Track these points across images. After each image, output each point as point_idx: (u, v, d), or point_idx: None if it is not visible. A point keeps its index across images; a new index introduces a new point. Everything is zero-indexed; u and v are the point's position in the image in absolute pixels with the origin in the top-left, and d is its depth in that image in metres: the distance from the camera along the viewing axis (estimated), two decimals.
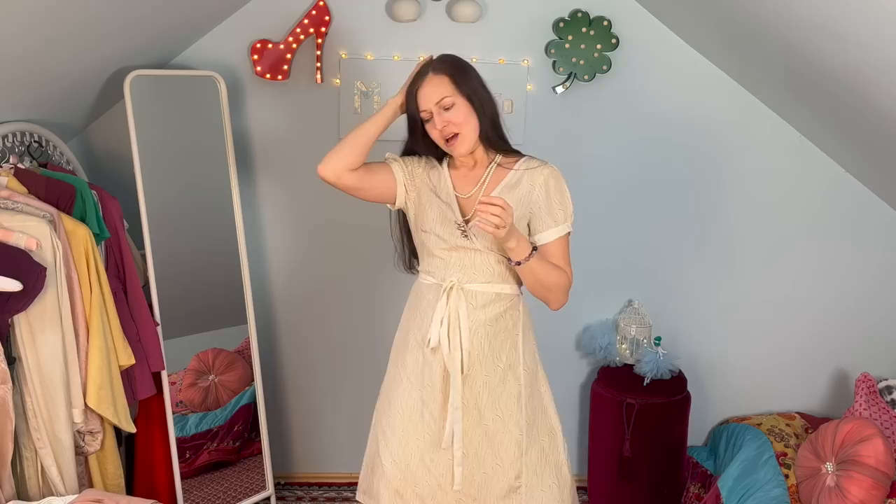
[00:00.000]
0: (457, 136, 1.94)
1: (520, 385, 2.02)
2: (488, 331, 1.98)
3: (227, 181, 2.81)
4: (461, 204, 2.02)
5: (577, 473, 3.35)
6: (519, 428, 2.01)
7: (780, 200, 3.09)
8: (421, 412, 2.01)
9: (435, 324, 1.96)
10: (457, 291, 1.96)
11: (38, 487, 2.15)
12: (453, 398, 1.95)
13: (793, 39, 2.31)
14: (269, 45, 2.85)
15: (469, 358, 1.96)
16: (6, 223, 2.04)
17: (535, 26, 2.92)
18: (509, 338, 2.02)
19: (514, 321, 2.03)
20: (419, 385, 2.01)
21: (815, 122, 2.88)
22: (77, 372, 2.19)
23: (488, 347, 1.98)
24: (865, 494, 2.27)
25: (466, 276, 1.98)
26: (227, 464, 2.94)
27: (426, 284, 2.04)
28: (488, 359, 1.98)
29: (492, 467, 2.00)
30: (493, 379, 1.99)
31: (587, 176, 3.06)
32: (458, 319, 1.95)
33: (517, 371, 2.02)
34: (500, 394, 2.00)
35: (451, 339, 1.95)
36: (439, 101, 1.93)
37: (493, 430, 2.00)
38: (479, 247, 1.96)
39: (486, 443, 2.00)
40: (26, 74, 2.23)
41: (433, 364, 1.99)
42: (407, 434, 2.02)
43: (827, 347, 3.21)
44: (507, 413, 2.00)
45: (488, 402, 1.99)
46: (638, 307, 3.12)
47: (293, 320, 3.18)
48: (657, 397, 2.91)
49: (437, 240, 1.99)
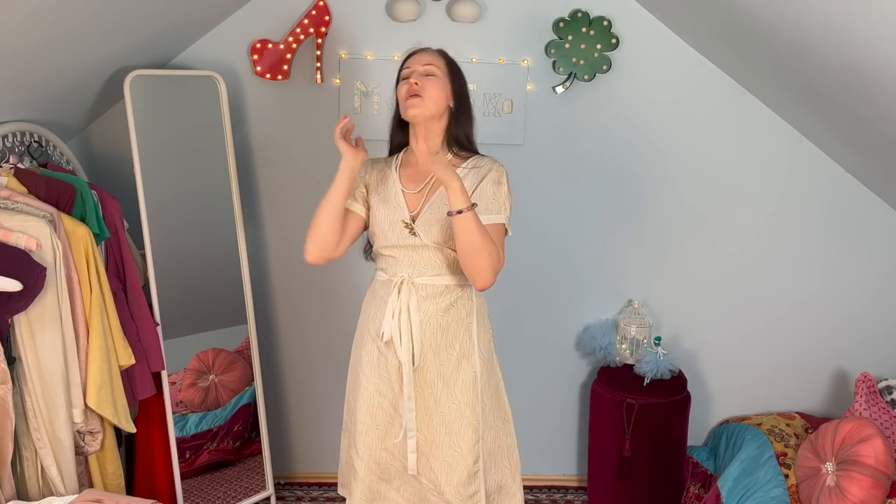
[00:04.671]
0: (418, 97, 1.99)
1: (475, 372, 2.06)
2: (440, 321, 2.03)
3: (227, 181, 2.81)
4: (408, 200, 2.06)
5: (577, 473, 3.36)
6: (475, 414, 2.05)
7: (779, 200, 3.09)
8: (379, 403, 2.08)
9: (387, 318, 2.03)
10: (407, 286, 2.02)
11: (38, 487, 2.15)
12: (406, 389, 2.02)
13: (793, 39, 2.31)
14: (269, 45, 2.85)
15: (421, 349, 2.02)
16: (6, 223, 2.04)
17: (535, 26, 2.92)
18: (462, 326, 2.06)
19: (466, 310, 2.07)
20: (375, 377, 2.08)
21: (815, 122, 2.88)
22: (77, 372, 2.19)
23: (441, 337, 2.03)
24: (865, 494, 2.27)
25: (416, 270, 2.04)
26: (227, 464, 2.94)
27: (380, 281, 2.11)
28: (441, 348, 2.03)
29: (451, 454, 2.04)
30: (446, 367, 2.04)
31: (587, 175, 3.07)
32: (408, 313, 2.01)
33: (472, 358, 2.06)
34: (455, 381, 2.04)
35: (403, 331, 2.01)
36: (426, 65, 2.02)
37: (450, 417, 2.04)
38: (427, 242, 2.01)
39: (443, 430, 2.04)
40: (26, 74, 2.23)
41: (388, 356, 2.05)
42: (366, 426, 2.08)
43: (827, 347, 3.21)
44: (464, 400, 2.04)
45: (443, 391, 2.04)
46: (638, 307, 3.12)
47: (293, 320, 3.18)
48: (657, 397, 2.91)
49: (386, 239, 2.05)
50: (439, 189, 2.02)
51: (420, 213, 2.04)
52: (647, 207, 3.10)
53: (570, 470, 3.35)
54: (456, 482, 2.03)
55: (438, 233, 2.01)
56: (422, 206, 2.04)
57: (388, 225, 2.05)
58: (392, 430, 2.08)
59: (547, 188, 3.06)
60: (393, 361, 2.05)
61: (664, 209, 3.10)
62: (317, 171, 3.03)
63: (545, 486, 3.31)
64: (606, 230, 3.12)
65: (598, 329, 3.12)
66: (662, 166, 3.06)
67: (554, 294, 3.15)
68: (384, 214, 2.06)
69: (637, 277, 3.16)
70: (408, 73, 2.04)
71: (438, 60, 2.06)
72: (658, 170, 3.06)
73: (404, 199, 2.06)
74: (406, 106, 2.01)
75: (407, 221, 2.03)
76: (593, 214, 3.10)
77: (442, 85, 2.03)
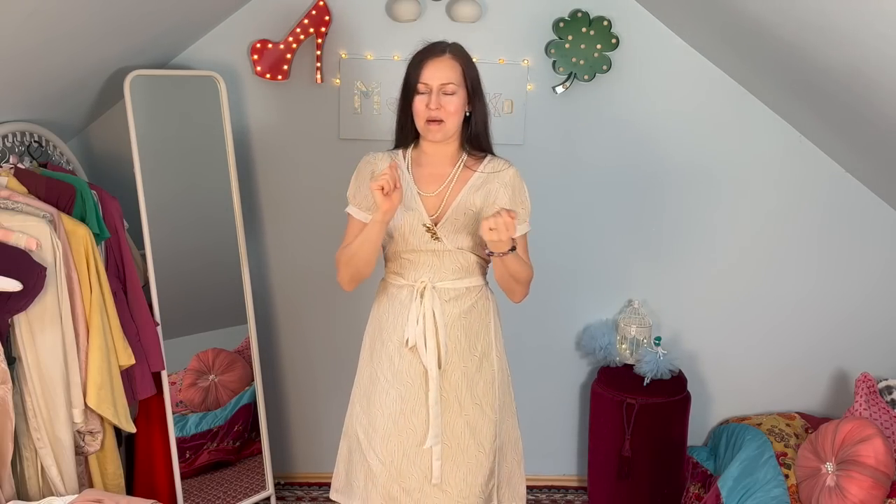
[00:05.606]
0: (441, 122, 1.95)
1: (493, 370, 2.07)
2: (463, 323, 2.02)
3: (227, 181, 2.81)
4: (425, 203, 2.02)
5: (577, 473, 3.36)
6: (493, 410, 2.06)
7: (779, 200, 3.09)
8: (401, 409, 2.02)
9: (411, 324, 1.99)
10: (430, 291, 1.99)
11: (38, 487, 2.15)
12: (432, 395, 1.99)
13: (793, 39, 2.31)
14: (269, 45, 2.85)
15: (447, 352, 2.01)
16: (6, 223, 2.04)
17: (535, 26, 2.92)
18: (483, 326, 2.06)
19: (485, 309, 2.07)
20: (397, 383, 2.03)
21: (815, 122, 2.88)
22: (77, 372, 2.19)
23: (465, 339, 2.02)
24: (865, 494, 2.27)
25: (437, 275, 2.01)
26: (227, 464, 2.94)
27: (396, 286, 2.06)
28: (465, 350, 2.03)
29: (475, 455, 2.04)
30: (470, 369, 2.03)
31: (587, 175, 3.07)
32: (433, 318, 1.99)
33: (491, 356, 2.07)
34: (478, 381, 2.04)
35: (428, 337, 1.98)
36: (445, 84, 1.95)
37: (474, 418, 2.03)
38: (449, 247, 1.99)
39: (468, 432, 2.03)
40: (26, 74, 2.23)
41: (411, 362, 2.02)
42: (388, 432, 2.03)
43: (827, 347, 3.21)
44: (485, 399, 2.05)
45: (467, 392, 2.03)
46: (638, 307, 3.12)
47: (293, 320, 3.18)
48: (657, 397, 2.91)
49: (406, 243, 2.01)
50: (460, 192, 2.00)
51: (442, 217, 2.00)
52: (647, 207, 3.10)
53: (570, 470, 3.35)
54: (480, 482, 2.03)
55: (465, 239, 1.98)
56: (442, 209, 2.00)
57: (408, 229, 1.99)
58: (414, 437, 2.02)
59: (547, 188, 3.05)
60: (416, 367, 2.01)
61: (664, 209, 3.10)
62: (317, 171, 3.04)
63: (545, 486, 3.31)
64: (606, 230, 3.12)
65: (598, 329, 3.12)
66: (662, 166, 3.06)
67: (554, 294, 3.15)
68: (403, 218, 1.99)
69: (637, 277, 3.16)
70: (425, 89, 1.95)
71: (455, 72, 1.96)
72: (658, 169, 3.06)
73: (421, 201, 2.01)
74: (427, 130, 1.97)
75: (428, 225, 1.99)
76: (593, 214, 3.10)
77: (461, 101, 1.96)
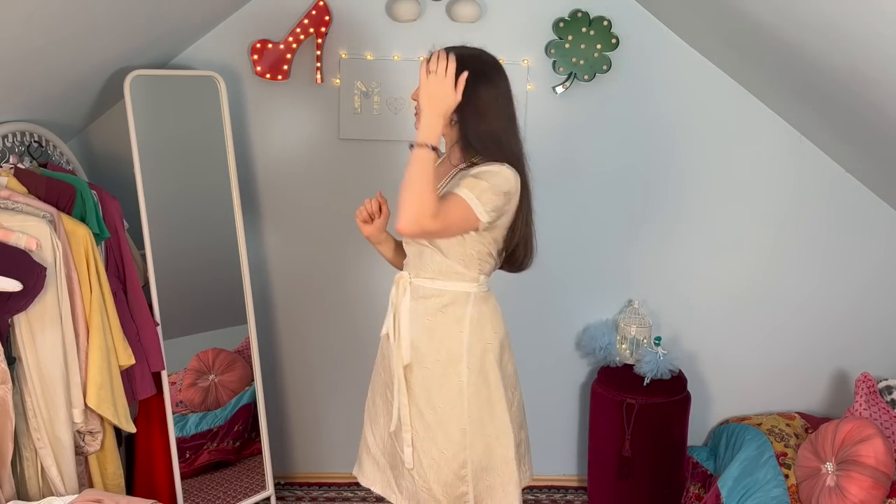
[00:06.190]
0: None
1: (461, 381, 2.02)
2: (426, 323, 2.03)
3: (227, 181, 2.81)
4: None
5: (577, 473, 3.36)
6: (460, 424, 2.03)
7: (780, 200, 3.09)
8: (384, 394, 2.16)
9: (388, 314, 2.10)
10: (405, 283, 2.06)
11: (38, 487, 2.15)
12: (398, 384, 2.06)
13: (793, 40, 2.31)
14: (269, 45, 2.85)
15: (411, 347, 2.04)
16: (6, 223, 2.04)
17: (535, 26, 2.92)
18: (450, 333, 2.03)
19: (457, 318, 2.03)
20: (381, 370, 2.18)
21: (815, 122, 2.88)
22: (77, 372, 2.19)
23: (427, 340, 2.04)
24: (865, 494, 2.27)
25: (416, 271, 2.07)
26: (227, 464, 2.94)
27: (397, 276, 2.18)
28: (429, 351, 2.04)
29: (438, 454, 2.05)
30: (431, 372, 2.04)
31: (587, 175, 3.07)
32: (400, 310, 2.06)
33: (459, 368, 2.03)
34: (441, 386, 2.03)
35: (397, 328, 2.06)
36: None
37: (435, 421, 2.04)
38: (424, 243, 2.02)
39: (430, 431, 2.06)
40: (27, 74, 2.23)
41: (389, 352, 2.11)
42: (377, 414, 2.20)
43: (827, 347, 3.21)
44: (449, 407, 2.03)
45: (430, 393, 2.04)
46: (638, 307, 3.12)
47: (293, 320, 3.18)
48: (657, 397, 2.91)
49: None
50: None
51: None
52: (647, 207, 3.10)
53: (570, 470, 3.35)
54: (444, 481, 2.05)
55: None
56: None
57: None
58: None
59: (547, 188, 3.04)
60: (393, 357, 2.09)
61: (664, 209, 3.10)
62: (317, 171, 3.04)
63: (545, 486, 3.31)
64: (606, 230, 3.12)
65: (598, 329, 3.12)
66: (662, 166, 3.06)
67: (554, 294, 3.15)
68: None
69: (637, 277, 3.16)
70: None
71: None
72: (658, 169, 3.06)
73: None
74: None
75: None
76: (593, 214, 3.10)
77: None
